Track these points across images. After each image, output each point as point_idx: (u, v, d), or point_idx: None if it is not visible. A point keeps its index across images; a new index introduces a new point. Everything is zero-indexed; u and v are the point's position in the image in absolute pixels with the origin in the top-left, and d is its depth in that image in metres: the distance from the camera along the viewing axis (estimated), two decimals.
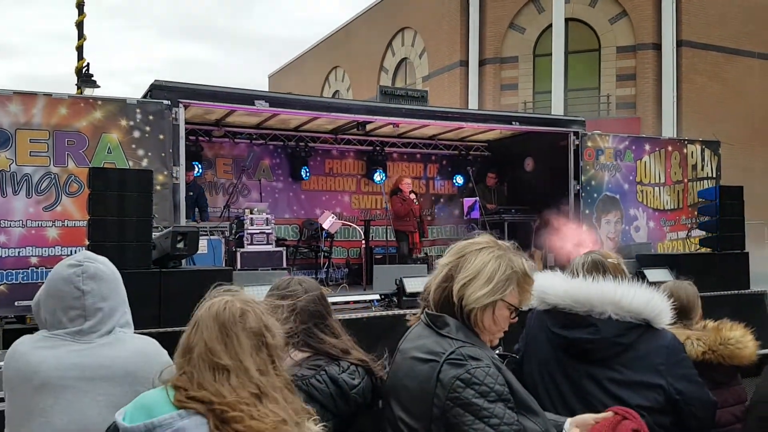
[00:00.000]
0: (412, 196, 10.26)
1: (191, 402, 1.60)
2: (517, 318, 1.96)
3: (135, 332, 2.17)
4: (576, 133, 9.44)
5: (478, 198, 10.22)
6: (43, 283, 2.16)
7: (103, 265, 2.11)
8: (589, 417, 1.96)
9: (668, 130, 16.75)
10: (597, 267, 2.33)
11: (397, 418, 1.88)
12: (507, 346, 2.41)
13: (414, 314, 2.07)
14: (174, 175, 7.05)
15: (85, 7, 13.33)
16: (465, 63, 19.17)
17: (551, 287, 2.28)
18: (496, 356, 1.93)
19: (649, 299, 2.18)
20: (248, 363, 1.67)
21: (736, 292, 7.09)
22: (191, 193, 8.81)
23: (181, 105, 7.15)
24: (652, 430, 2.10)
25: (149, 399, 1.67)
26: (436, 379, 1.77)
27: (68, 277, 2.06)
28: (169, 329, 4.20)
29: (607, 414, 1.94)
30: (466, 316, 1.89)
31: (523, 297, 1.95)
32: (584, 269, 2.34)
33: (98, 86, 13.23)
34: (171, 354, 2.00)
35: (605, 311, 2.15)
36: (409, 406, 1.86)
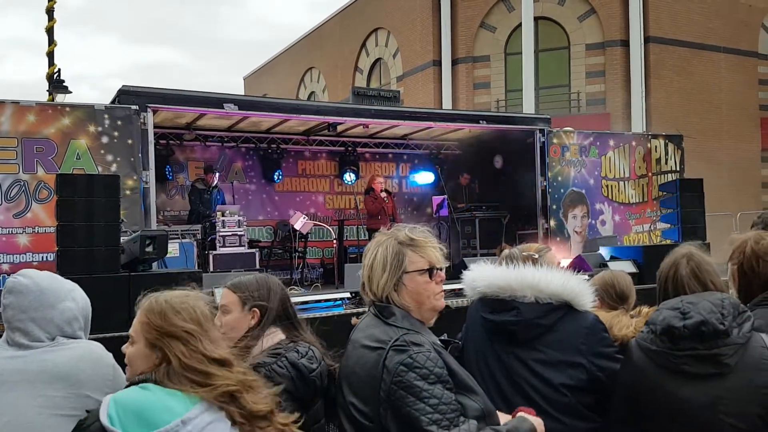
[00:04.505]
0: (384, 194, 10.40)
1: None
2: (443, 276, 2.13)
3: (91, 338, 2.27)
4: (542, 131, 9.63)
5: (446, 196, 10.38)
6: None
7: (27, 278, 2.18)
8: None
9: (638, 125, 17.04)
10: (512, 258, 2.52)
11: (349, 403, 2.02)
12: (453, 335, 2.57)
13: (355, 315, 2.28)
14: (144, 179, 7.12)
15: (54, 13, 13.31)
16: (438, 62, 19.34)
17: (480, 277, 2.45)
18: (438, 342, 2.08)
19: (565, 281, 2.33)
20: (208, 327, 1.87)
21: None
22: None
23: (149, 110, 7.22)
24: (576, 409, 2.26)
25: (133, 403, 1.68)
26: (382, 365, 1.92)
27: None
28: None
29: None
30: (393, 304, 2.06)
31: (427, 254, 2.10)
32: (504, 261, 2.53)
33: (70, 92, 13.20)
34: None
35: (526, 295, 2.31)
36: (359, 392, 2.00)
